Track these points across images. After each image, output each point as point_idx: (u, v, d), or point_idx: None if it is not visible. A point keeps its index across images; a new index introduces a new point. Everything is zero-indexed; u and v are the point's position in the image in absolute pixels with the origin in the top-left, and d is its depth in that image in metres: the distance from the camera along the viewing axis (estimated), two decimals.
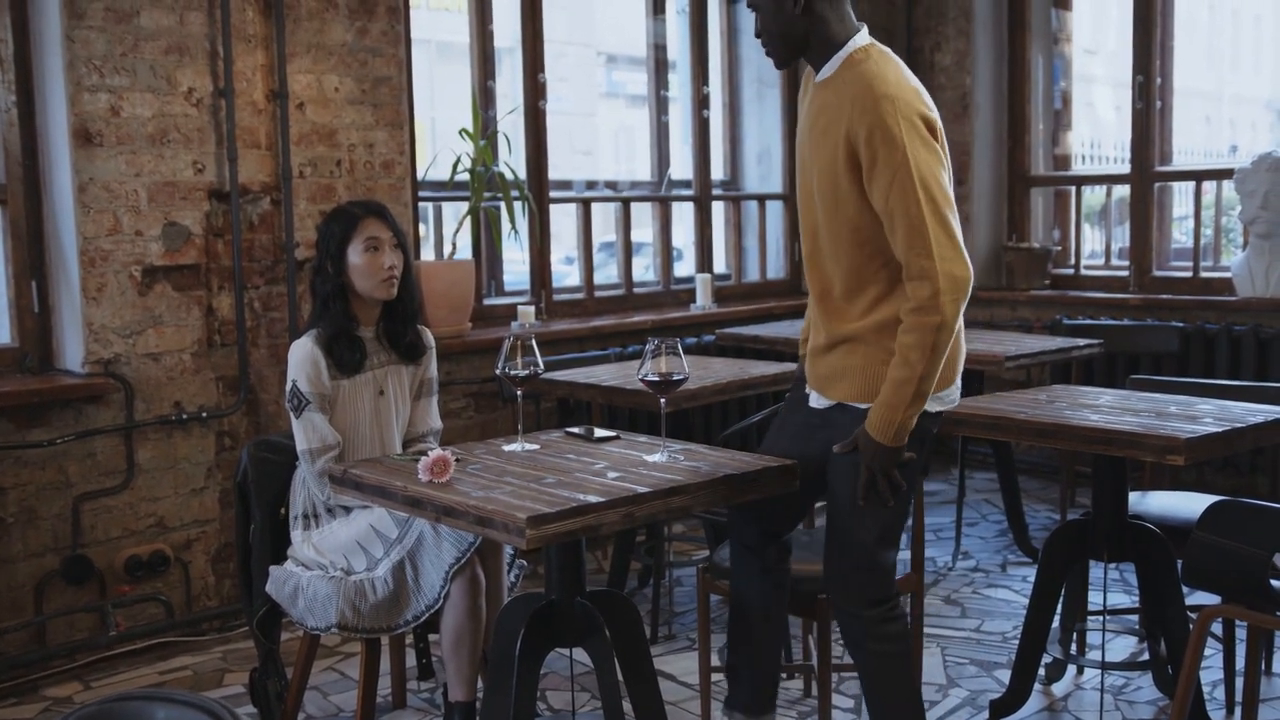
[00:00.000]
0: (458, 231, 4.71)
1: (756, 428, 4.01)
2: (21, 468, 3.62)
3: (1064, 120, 6.30)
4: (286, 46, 4.07)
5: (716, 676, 3.13)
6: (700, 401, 3.77)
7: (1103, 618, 3.37)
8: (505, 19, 5.06)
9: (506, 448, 2.71)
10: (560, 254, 6.31)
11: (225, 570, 4.04)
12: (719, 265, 5.95)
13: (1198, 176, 5.59)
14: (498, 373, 2.67)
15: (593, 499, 2.24)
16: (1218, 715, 3.19)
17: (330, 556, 2.93)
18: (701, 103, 5.77)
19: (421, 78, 4.68)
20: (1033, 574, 3.18)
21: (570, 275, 5.77)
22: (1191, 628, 2.69)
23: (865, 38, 2.53)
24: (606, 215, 5.61)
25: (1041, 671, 3.31)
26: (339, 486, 2.61)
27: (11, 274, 3.77)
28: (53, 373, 3.79)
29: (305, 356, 2.96)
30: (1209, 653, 3.44)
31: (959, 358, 2.60)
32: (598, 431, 2.83)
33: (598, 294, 5.39)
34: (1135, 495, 3.36)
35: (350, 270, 3.00)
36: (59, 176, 3.73)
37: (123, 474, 3.82)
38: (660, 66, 5.75)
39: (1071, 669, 3.48)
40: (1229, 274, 5.29)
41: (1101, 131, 8.56)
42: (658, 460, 2.54)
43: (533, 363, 2.65)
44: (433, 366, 3.18)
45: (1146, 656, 3.38)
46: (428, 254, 4.86)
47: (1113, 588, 4.15)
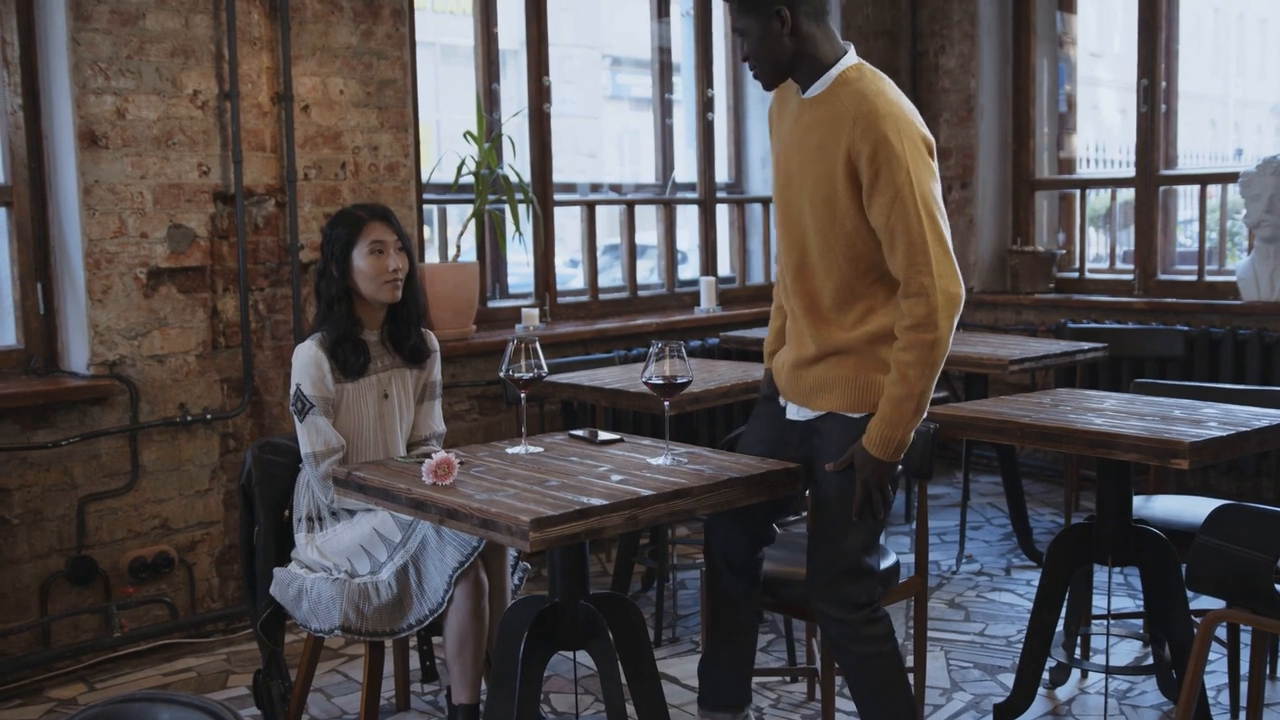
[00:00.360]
0: (462, 234, 4.71)
1: None
2: (27, 469, 3.63)
3: (1069, 124, 6.30)
4: (291, 49, 4.08)
5: None
6: (704, 405, 3.77)
7: (1107, 622, 3.37)
8: (510, 22, 5.07)
9: (510, 450, 2.72)
10: (564, 257, 6.30)
11: (229, 572, 4.04)
12: (723, 268, 5.96)
13: (1202, 180, 5.58)
14: (502, 375, 2.68)
15: (596, 502, 2.24)
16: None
17: (334, 559, 2.93)
18: (706, 105, 5.78)
19: (426, 80, 4.69)
20: (1037, 578, 3.18)
21: (574, 278, 5.77)
22: (1196, 632, 2.68)
23: (854, 57, 2.56)
24: (611, 218, 5.61)
25: (1046, 675, 3.31)
26: (343, 489, 2.62)
27: (17, 276, 3.78)
28: (58, 374, 3.80)
29: (309, 360, 2.96)
30: (1213, 657, 3.44)
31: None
32: (601, 434, 2.83)
33: (602, 297, 5.39)
34: (1139, 499, 3.35)
35: (355, 273, 3.00)
36: (64, 178, 3.74)
37: (127, 476, 3.82)
38: (665, 69, 5.76)
39: (1076, 673, 3.48)
40: (1234, 278, 5.28)
41: (1106, 135, 8.56)
42: (661, 463, 2.55)
43: (537, 365, 2.65)
44: (437, 370, 3.18)
45: (1151, 661, 3.38)
46: (432, 257, 4.87)
47: (1117, 592, 4.15)
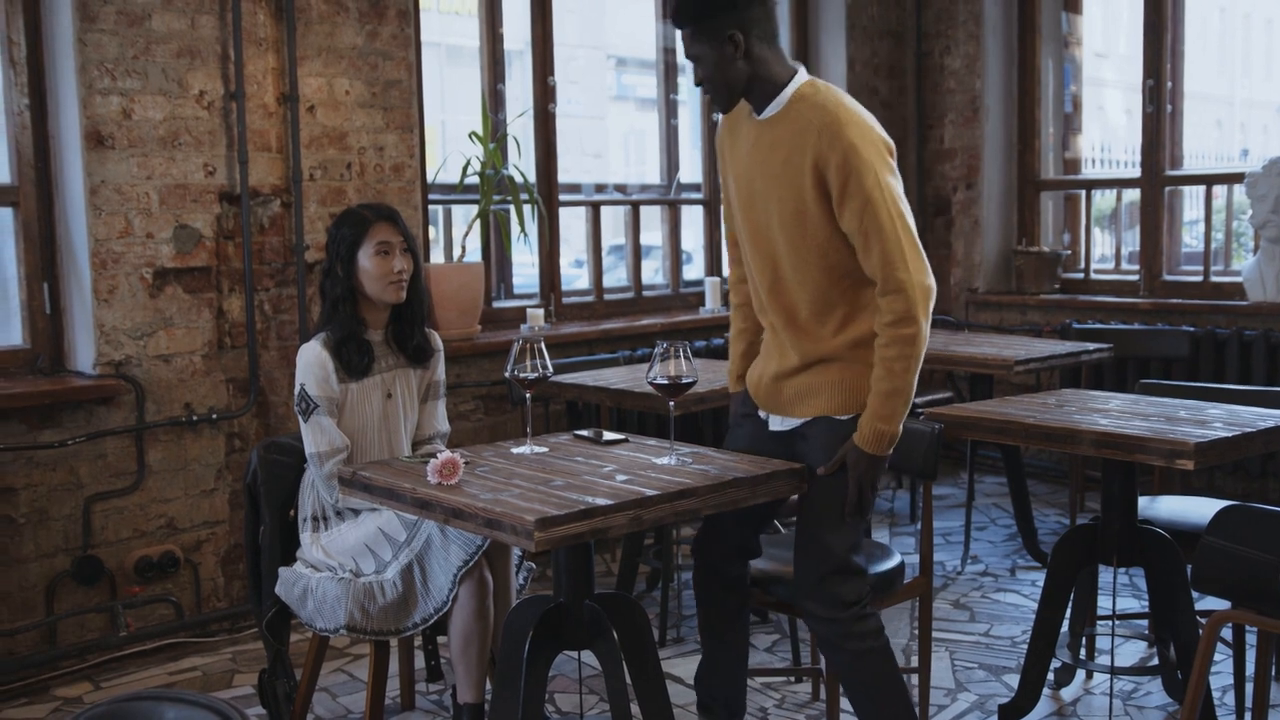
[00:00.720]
0: (467, 234, 4.72)
1: None
2: (33, 468, 3.64)
3: (1074, 124, 6.29)
4: (297, 50, 4.09)
5: None
6: (709, 405, 3.77)
7: (1112, 622, 3.36)
8: (515, 22, 5.07)
9: (515, 450, 2.72)
10: (569, 257, 6.30)
11: (235, 571, 4.05)
12: (728, 269, 5.95)
13: (1208, 181, 5.57)
14: (507, 375, 2.68)
15: (601, 502, 2.24)
16: None
17: (339, 558, 2.94)
18: (711, 106, 5.77)
19: (431, 81, 4.69)
20: (1042, 578, 3.18)
21: (579, 278, 5.77)
22: (1201, 633, 2.68)
23: (805, 74, 2.63)
24: (616, 218, 5.62)
25: (1050, 676, 3.30)
26: (348, 489, 2.62)
27: (23, 275, 3.79)
28: (64, 374, 3.81)
29: (313, 360, 2.97)
30: (1219, 658, 3.44)
31: None
32: (606, 434, 2.84)
33: (607, 297, 5.39)
34: (1145, 500, 3.35)
35: (360, 274, 3.01)
36: (71, 179, 3.75)
37: (133, 475, 3.83)
38: (670, 70, 5.76)
39: (1080, 674, 3.48)
40: (1240, 278, 5.27)
41: (1112, 135, 8.54)
42: (666, 463, 2.55)
43: (542, 365, 2.65)
44: (440, 369, 3.19)
45: (1156, 662, 3.37)
46: (437, 257, 4.87)
47: (1122, 592, 4.14)
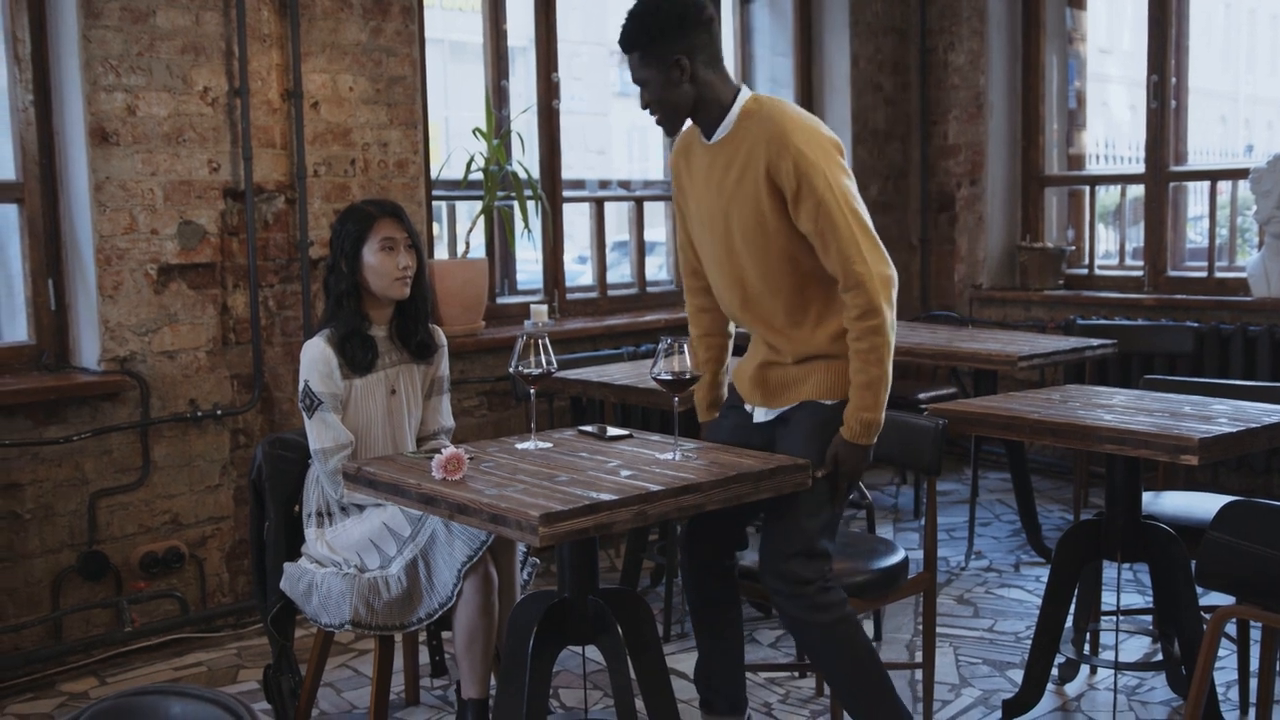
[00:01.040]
0: (471, 230, 4.72)
1: None
2: (39, 464, 3.65)
3: (1078, 120, 6.28)
4: (301, 46, 4.09)
5: None
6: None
7: (1116, 618, 3.37)
8: (519, 18, 5.07)
9: (519, 446, 2.72)
10: (573, 253, 6.32)
11: (240, 567, 4.06)
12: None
13: (1213, 176, 5.56)
14: (511, 371, 2.68)
15: (605, 497, 2.25)
16: (1231, 716, 3.19)
17: (344, 554, 2.94)
18: None
19: (435, 77, 4.69)
20: (1046, 574, 3.18)
21: (583, 274, 5.77)
22: (1205, 628, 2.68)
23: (748, 91, 2.70)
24: (620, 214, 5.62)
25: (1055, 672, 3.30)
26: (352, 484, 2.62)
27: (29, 272, 3.79)
28: (69, 370, 3.81)
29: (317, 356, 2.97)
30: (1223, 653, 3.43)
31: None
32: (610, 430, 2.84)
33: (611, 293, 5.39)
34: (1149, 495, 3.35)
35: (365, 269, 3.01)
36: (76, 175, 3.75)
37: (138, 471, 3.84)
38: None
39: (1085, 669, 3.48)
40: (1244, 274, 5.26)
41: (1116, 131, 8.54)
42: (670, 458, 2.55)
43: (546, 361, 2.66)
44: (444, 365, 3.19)
45: (1160, 657, 3.37)
46: (441, 253, 4.88)
47: (1126, 588, 4.14)
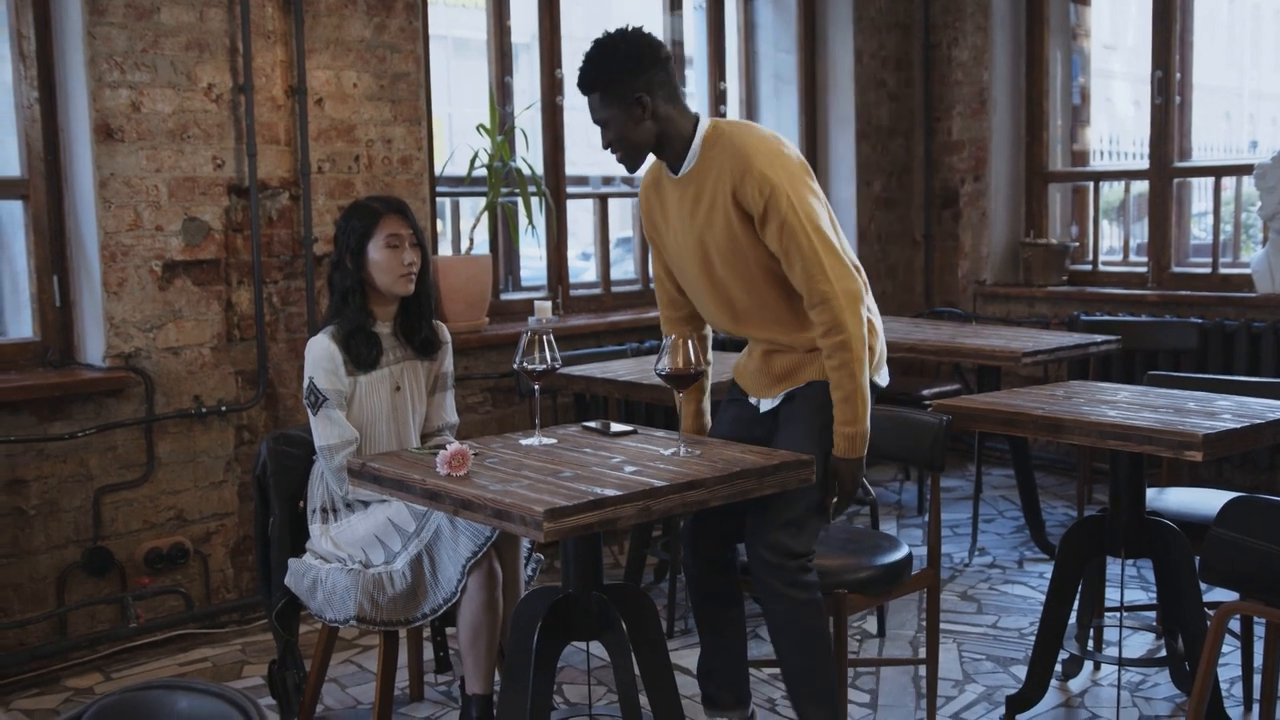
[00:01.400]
0: (475, 227, 4.72)
1: None
2: (43, 460, 3.65)
3: (1082, 116, 6.27)
4: (305, 42, 4.09)
5: None
6: (717, 396, 3.77)
7: (1120, 614, 3.37)
8: (523, 15, 5.07)
9: (524, 442, 2.73)
10: (577, 249, 6.31)
11: (244, 563, 4.06)
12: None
13: (1217, 172, 5.56)
14: (515, 367, 2.68)
15: (610, 493, 2.25)
16: (1235, 712, 3.19)
17: (348, 550, 2.95)
18: (718, 99, 5.77)
19: (439, 73, 4.69)
20: (1049, 570, 3.18)
21: (587, 271, 5.77)
22: (1209, 624, 2.68)
23: (706, 119, 2.73)
24: (623, 211, 5.62)
25: (1058, 668, 3.31)
26: (357, 480, 2.63)
27: (33, 268, 3.80)
28: (74, 366, 3.82)
29: (322, 353, 2.97)
30: (1226, 649, 3.43)
31: (878, 345, 2.80)
32: (614, 426, 2.84)
33: (614, 289, 5.39)
34: (1153, 491, 3.35)
35: (370, 266, 3.01)
36: (80, 172, 3.76)
37: (143, 467, 3.85)
38: (677, 62, 5.75)
39: (1088, 665, 3.48)
40: (1248, 270, 5.26)
41: (1120, 127, 8.52)
42: (674, 454, 2.55)
43: (550, 358, 2.66)
44: (448, 361, 3.19)
45: (1164, 653, 3.37)
46: (445, 249, 4.88)
47: (1130, 584, 4.14)
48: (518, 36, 5.10)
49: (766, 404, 2.84)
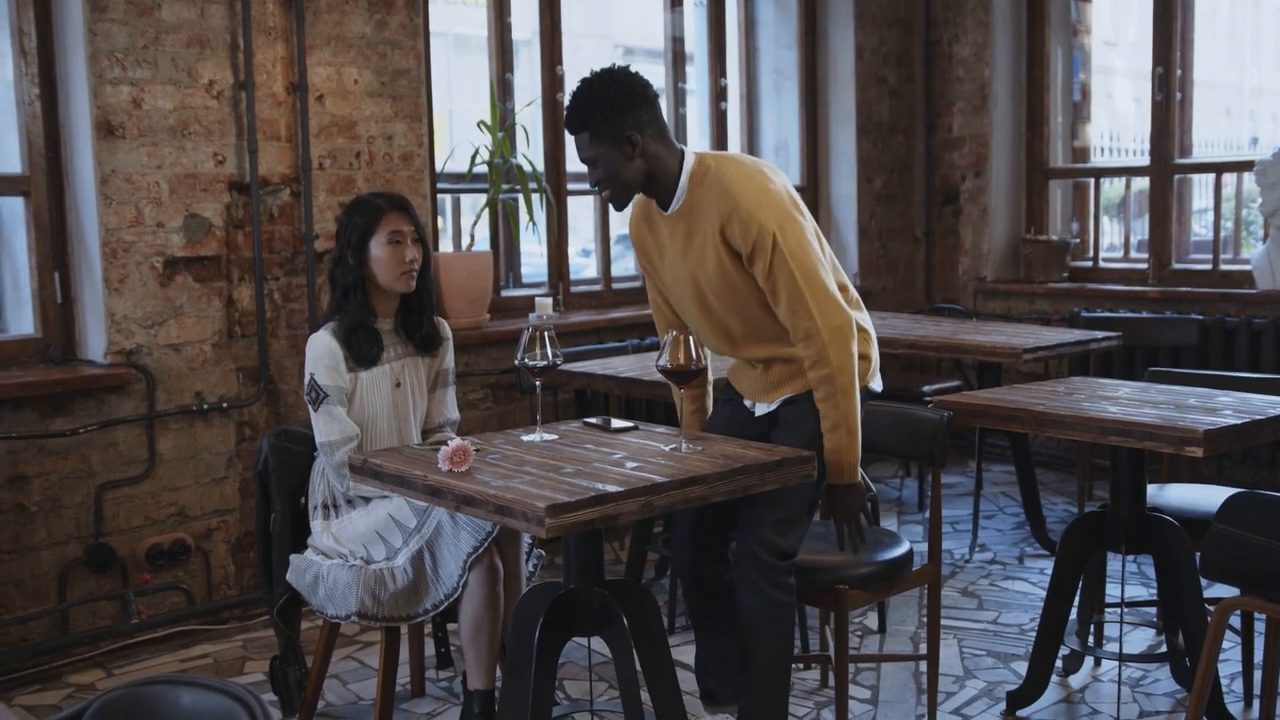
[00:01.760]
0: (476, 223, 4.72)
1: None
2: (45, 457, 3.66)
3: (1083, 112, 6.28)
4: (306, 39, 4.09)
5: None
6: (718, 392, 3.77)
7: (1120, 610, 3.37)
8: (523, 11, 5.07)
9: (525, 438, 2.73)
10: (578, 246, 6.31)
11: (245, 559, 4.07)
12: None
13: (1218, 169, 5.56)
14: (516, 364, 2.68)
15: (611, 488, 2.25)
16: (1236, 707, 3.19)
17: (350, 545, 2.95)
18: (719, 95, 5.77)
19: (440, 70, 4.69)
20: (1050, 566, 3.19)
21: (587, 267, 5.78)
22: (1209, 620, 2.69)
23: (692, 154, 2.73)
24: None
25: (1059, 663, 3.31)
26: (359, 476, 2.63)
27: (35, 265, 3.80)
28: (75, 363, 3.82)
29: (323, 350, 2.98)
30: (1227, 645, 3.44)
31: (871, 352, 2.82)
32: (615, 422, 2.84)
33: (615, 286, 5.40)
34: (1153, 487, 3.35)
35: (372, 262, 3.01)
36: (81, 168, 3.76)
37: (144, 463, 3.85)
38: (678, 59, 5.75)
39: (1089, 661, 3.48)
40: (1249, 267, 5.26)
41: (1121, 124, 8.53)
42: (675, 450, 2.55)
43: (551, 354, 2.66)
44: (449, 357, 3.19)
45: (1164, 649, 3.38)
46: (446, 246, 4.88)
47: (1130, 580, 4.15)
48: (518, 33, 5.09)
49: (762, 408, 2.85)
